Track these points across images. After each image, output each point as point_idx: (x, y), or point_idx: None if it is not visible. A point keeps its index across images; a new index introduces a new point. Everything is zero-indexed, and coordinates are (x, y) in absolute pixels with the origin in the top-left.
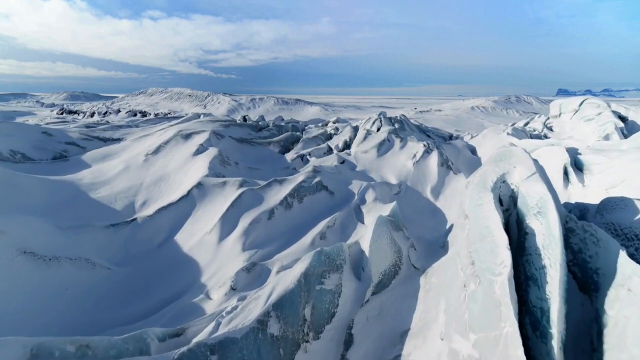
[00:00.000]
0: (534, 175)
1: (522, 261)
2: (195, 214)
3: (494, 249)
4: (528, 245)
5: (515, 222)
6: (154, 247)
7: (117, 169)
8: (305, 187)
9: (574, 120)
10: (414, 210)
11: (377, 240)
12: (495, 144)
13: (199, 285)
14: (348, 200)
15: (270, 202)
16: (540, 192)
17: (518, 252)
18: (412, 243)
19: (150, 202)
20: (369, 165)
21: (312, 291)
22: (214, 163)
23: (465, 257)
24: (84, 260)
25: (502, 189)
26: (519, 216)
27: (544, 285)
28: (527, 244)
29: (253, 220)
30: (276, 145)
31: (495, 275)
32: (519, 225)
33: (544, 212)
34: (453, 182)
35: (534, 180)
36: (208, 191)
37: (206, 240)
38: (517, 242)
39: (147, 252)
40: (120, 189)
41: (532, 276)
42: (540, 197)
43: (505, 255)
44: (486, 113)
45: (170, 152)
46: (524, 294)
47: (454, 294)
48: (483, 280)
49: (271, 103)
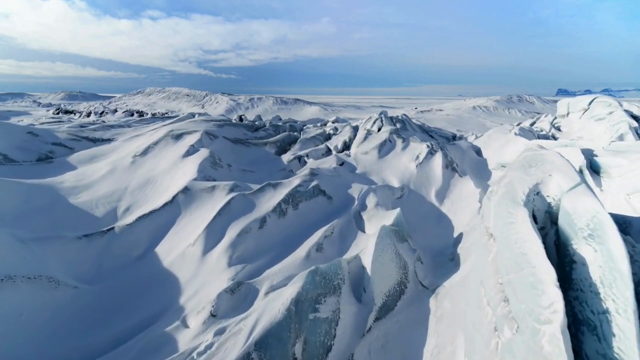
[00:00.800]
0: (580, 186)
1: (568, 297)
2: (180, 222)
3: (537, 286)
4: (577, 278)
5: (553, 244)
6: (132, 261)
7: (102, 171)
8: (301, 191)
9: (583, 120)
10: (418, 215)
11: (381, 255)
12: (502, 145)
13: (176, 309)
14: (347, 206)
15: (263, 209)
16: (592, 209)
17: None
18: (419, 256)
19: (134, 208)
20: (369, 167)
21: (305, 321)
22: (204, 165)
23: (494, 289)
24: (45, 279)
25: (536, 203)
26: (559, 238)
27: (609, 338)
28: (574, 276)
29: (242, 230)
30: (272, 146)
31: (541, 323)
32: (560, 248)
33: (601, 237)
34: (459, 185)
35: (580, 193)
36: (195, 197)
37: (189, 253)
38: (558, 271)
39: (123, 266)
40: (103, 193)
41: (586, 321)
42: (593, 216)
43: (554, 296)
44: (488, 113)
45: (159, 153)
46: (572, 341)
47: (479, 336)
48: (523, 328)
49: (270, 103)
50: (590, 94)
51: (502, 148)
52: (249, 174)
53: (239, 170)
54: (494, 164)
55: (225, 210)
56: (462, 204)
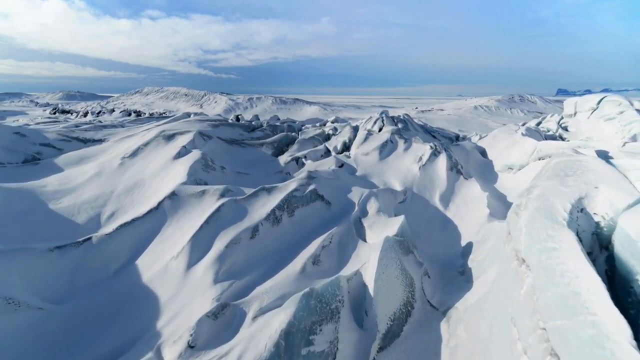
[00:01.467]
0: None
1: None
2: (165, 231)
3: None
4: None
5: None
6: (109, 276)
7: (89, 174)
8: (298, 196)
9: (592, 120)
10: (422, 221)
11: (384, 272)
12: (508, 145)
13: (151, 335)
14: (347, 212)
15: (255, 217)
16: None
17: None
18: (426, 270)
19: (119, 214)
20: (370, 169)
21: (297, 358)
22: (195, 168)
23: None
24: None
25: (580, 222)
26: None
27: None
28: None
29: (231, 241)
30: (269, 147)
31: None
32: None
33: None
34: (464, 189)
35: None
36: (183, 202)
37: (172, 267)
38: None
39: (99, 282)
40: (87, 197)
41: None
42: None
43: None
44: (490, 113)
45: (149, 154)
46: None
47: None
48: None
49: (269, 102)
50: (591, 94)
51: (508, 149)
52: (243, 176)
53: (233, 173)
54: (500, 166)
55: (214, 217)
56: (468, 208)
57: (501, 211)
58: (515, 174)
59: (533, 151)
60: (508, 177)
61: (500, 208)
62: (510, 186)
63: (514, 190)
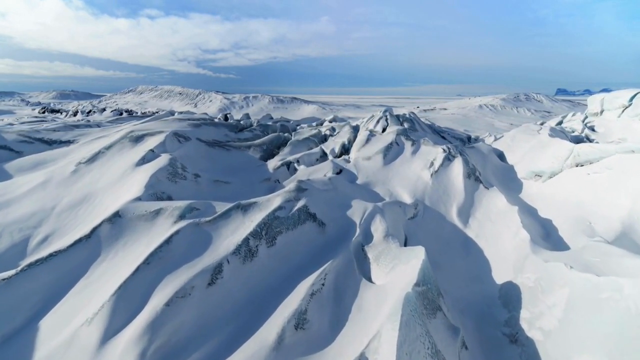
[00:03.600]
0: None
1: None
2: (94, 271)
3: None
4: None
5: None
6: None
7: (32, 183)
8: (282, 218)
9: (624, 119)
10: (439, 243)
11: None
12: (533, 148)
13: None
14: (346, 236)
15: (220, 250)
16: None
17: None
18: (463, 339)
19: (55, 238)
20: (373, 177)
21: None
22: (157, 177)
23: None
24: None
25: None
26: None
27: None
28: None
29: (177, 293)
30: (257, 150)
31: None
32: None
33: None
34: (485, 200)
35: None
36: (127, 228)
37: (81, 336)
38: None
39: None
40: (19, 215)
41: None
42: None
43: None
44: (495, 112)
45: (110, 160)
46: None
47: None
48: None
49: (265, 102)
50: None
51: (534, 152)
52: (222, 186)
53: (209, 182)
54: (524, 172)
55: (161, 253)
56: (493, 226)
57: (538, 232)
58: (545, 182)
59: (568, 155)
60: (536, 186)
61: (536, 228)
62: (540, 197)
63: (546, 202)
